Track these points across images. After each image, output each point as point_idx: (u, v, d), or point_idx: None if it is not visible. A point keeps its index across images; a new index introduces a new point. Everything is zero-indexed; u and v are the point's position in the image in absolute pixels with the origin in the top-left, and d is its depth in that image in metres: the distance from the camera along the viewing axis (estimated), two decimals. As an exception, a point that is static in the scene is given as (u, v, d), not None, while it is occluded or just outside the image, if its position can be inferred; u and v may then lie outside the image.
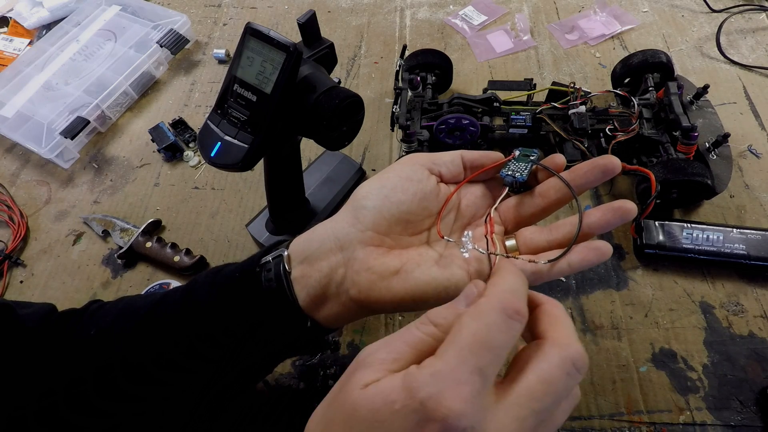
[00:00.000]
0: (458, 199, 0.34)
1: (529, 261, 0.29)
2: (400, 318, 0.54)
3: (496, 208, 0.33)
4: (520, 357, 0.23)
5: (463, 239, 0.31)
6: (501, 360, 0.21)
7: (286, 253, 0.32)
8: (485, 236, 0.31)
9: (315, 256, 0.31)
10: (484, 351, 0.20)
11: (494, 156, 0.33)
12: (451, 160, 0.33)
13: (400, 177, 0.32)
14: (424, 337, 0.23)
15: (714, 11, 0.78)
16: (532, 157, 0.33)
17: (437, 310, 0.24)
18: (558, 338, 0.22)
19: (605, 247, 0.29)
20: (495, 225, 0.33)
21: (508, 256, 0.30)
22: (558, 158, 0.32)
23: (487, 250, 0.30)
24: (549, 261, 0.29)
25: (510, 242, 0.32)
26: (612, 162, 0.30)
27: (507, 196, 0.33)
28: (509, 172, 0.32)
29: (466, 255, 0.30)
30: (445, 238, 0.31)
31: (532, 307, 0.25)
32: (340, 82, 0.43)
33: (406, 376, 0.21)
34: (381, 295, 0.30)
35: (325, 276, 0.31)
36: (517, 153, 0.33)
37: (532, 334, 0.24)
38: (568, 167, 0.32)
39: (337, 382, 0.24)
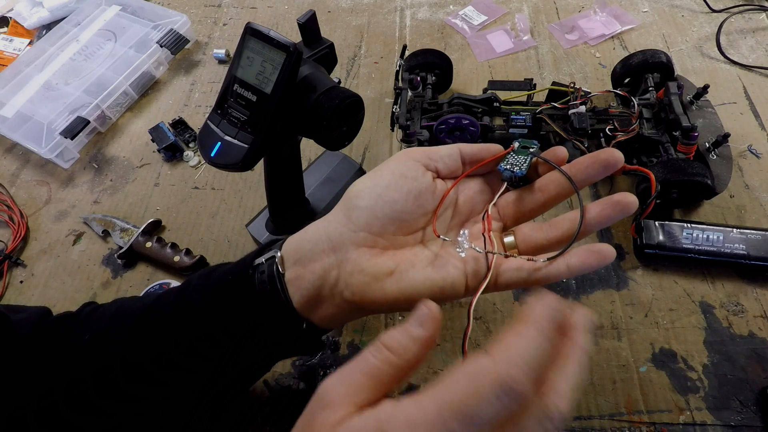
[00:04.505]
0: (455, 194, 0.33)
1: (528, 260, 0.29)
2: (400, 318, 0.54)
3: (494, 204, 0.32)
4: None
5: (459, 239, 0.30)
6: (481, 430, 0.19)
7: (279, 254, 0.32)
8: (483, 234, 0.30)
9: (308, 258, 0.31)
10: (464, 419, 0.19)
11: (494, 149, 0.33)
12: (448, 154, 0.32)
13: (393, 174, 0.31)
14: (379, 365, 0.22)
15: (714, 11, 0.78)
16: (531, 150, 0.32)
17: (391, 334, 0.23)
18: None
19: (607, 250, 0.27)
20: (493, 221, 0.32)
21: (506, 255, 0.30)
22: (559, 151, 0.31)
23: (485, 248, 0.30)
24: (548, 259, 0.28)
25: (508, 239, 0.31)
26: (614, 156, 0.29)
27: (506, 190, 0.32)
28: (507, 166, 0.31)
29: (462, 254, 0.30)
30: (440, 237, 0.31)
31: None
32: (340, 82, 0.43)
33: (380, 420, 0.20)
34: (375, 297, 0.29)
35: (319, 278, 0.30)
36: (516, 145, 0.33)
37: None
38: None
39: (298, 422, 0.23)
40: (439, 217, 0.32)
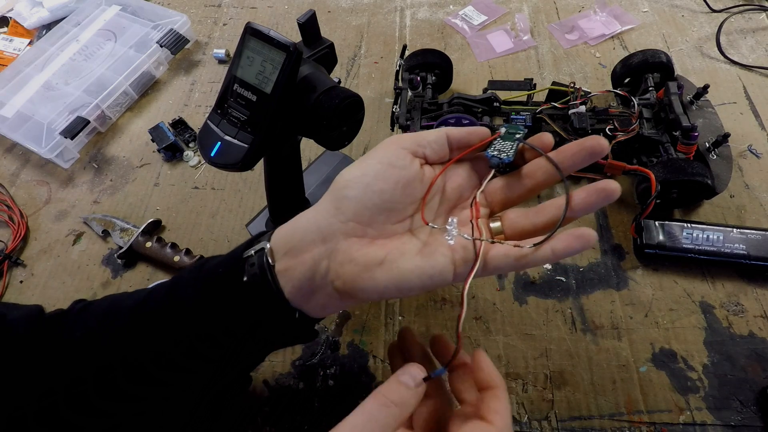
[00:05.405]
0: (443, 181, 0.33)
1: (514, 245, 0.29)
2: (400, 318, 0.54)
3: (482, 191, 0.32)
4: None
5: (448, 227, 0.30)
6: None
7: (268, 246, 0.32)
8: (470, 221, 0.31)
9: (298, 248, 0.31)
10: None
11: (481, 133, 0.33)
12: (435, 139, 0.32)
13: (381, 164, 0.31)
14: (390, 421, 0.26)
15: (714, 11, 0.78)
16: (518, 135, 0.32)
17: (394, 390, 0.27)
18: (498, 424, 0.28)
19: (589, 234, 0.28)
20: (480, 207, 0.32)
21: (493, 242, 0.30)
22: (545, 137, 0.32)
23: (472, 235, 0.30)
24: (534, 245, 0.29)
25: (495, 224, 0.31)
26: (599, 143, 0.29)
27: (493, 176, 0.33)
28: (495, 153, 0.31)
29: (451, 242, 0.30)
30: (429, 224, 0.31)
31: (485, 387, 0.30)
32: (340, 82, 0.43)
33: None
34: (365, 286, 0.29)
35: (309, 269, 0.30)
36: (503, 131, 0.33)
37: (477, 412, 0.29)
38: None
39: None
40: (427, 204, 0.32)
